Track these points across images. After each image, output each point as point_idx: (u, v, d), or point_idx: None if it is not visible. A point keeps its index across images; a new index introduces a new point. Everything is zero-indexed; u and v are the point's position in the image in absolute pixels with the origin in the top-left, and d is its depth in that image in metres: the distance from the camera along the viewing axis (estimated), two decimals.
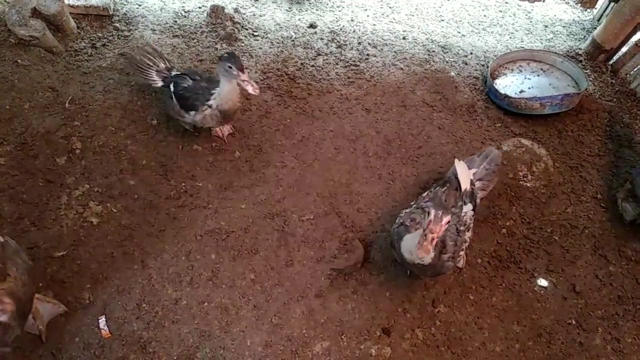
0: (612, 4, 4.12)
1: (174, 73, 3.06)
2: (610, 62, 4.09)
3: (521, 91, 3.75)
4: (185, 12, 3.94)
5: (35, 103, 3.12)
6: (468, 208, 2.61)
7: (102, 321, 2.46)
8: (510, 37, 4.34)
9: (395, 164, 3.26)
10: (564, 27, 4.51)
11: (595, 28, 4.32)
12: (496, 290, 2.79)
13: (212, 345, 2.46)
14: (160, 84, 3.07)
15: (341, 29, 4.09)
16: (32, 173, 2.87)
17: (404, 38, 4.11)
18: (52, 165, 2.92)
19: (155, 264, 2.67)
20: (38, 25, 3.31)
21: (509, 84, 3.81)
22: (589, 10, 4.72)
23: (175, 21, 3.85)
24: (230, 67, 2.60)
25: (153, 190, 2.93)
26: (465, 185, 2.66)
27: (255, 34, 3.90)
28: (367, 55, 3.91)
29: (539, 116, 3.60)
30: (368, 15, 4.30)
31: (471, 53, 4.07)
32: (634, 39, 3.94)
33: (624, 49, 4.00)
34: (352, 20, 4.21)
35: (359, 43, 4.00)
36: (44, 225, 2.71)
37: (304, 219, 2.95)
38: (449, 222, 2.06)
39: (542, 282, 2.84)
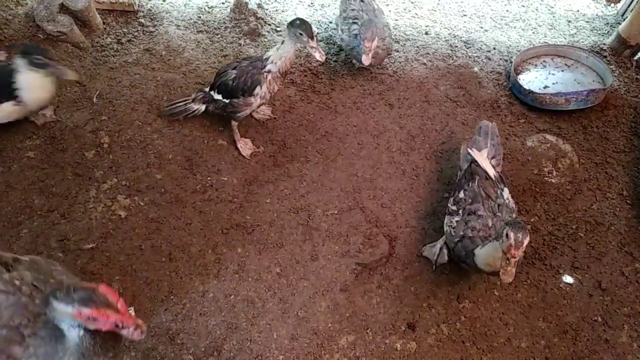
0: None
1: (206, 88, 3.09)
2: (636, 57, 4.04)
3: (545, 87, 3.72)
4: (209, 7, 3.97)
5: (64, 98, 3.18)
6: (507, 192, 2.61)
7: (131, 312, 2.50)
8: (533, 32, 4.30)
9: (419, 159, 3.26)
10: (587, 22, 4.46)
11: (619, 23, 4.27)
12: (521, 287, 2.78)
13: (239, 337, 2.48)
14: (203, 107, 3.11)
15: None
16: (61, 166, 2.92)
17: (426, 33, 4.10)
18: (81, 159, 2.97)
19: (183, 256, 2.70)
20: (66, 21, 3.37)
21: (533, 80, 3.78)
22: (612, 5, 4.65)
23: (199, 17, 3.88)
24: (301, 34, 2.70)
25: (179, 184, 2.96)
26: (491, 171, 2.66)
27: (278, 29, 3.92)
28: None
29: (563, 112, 3.57)
30: (390, 11, 4.29)
31: (494, 48, 4.04)
32: None
33: None
34: None
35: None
36: (73, 218, 2.75)
37: (328, 214, 2.96)
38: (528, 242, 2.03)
39: (568, 279, 2.83)
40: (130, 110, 3.20)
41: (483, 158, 2.74)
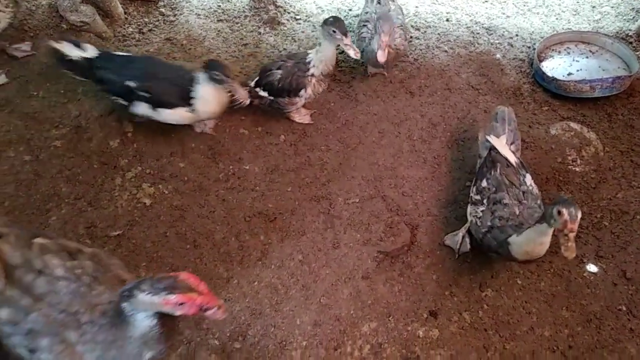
0: None
1: (251, 83, 3.12)
2: None
3: (569, 74, 3.66)
4: None
5: (88, 87, 3.22)
6: (529, 178, 2.60)
7: None
8: (557, 18, 4.22)
9: (440, 147, 3.24)
10: (612, 7, 4.36)
11: None
12: (544, 276, 2.76)
13: (263, 323, 2.52)
14: (248, 100, 3.02)
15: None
16: (87, 155, 2.98)
17: (447, 20, 4.06)
18: (106, 147, 3.02)
19: (207, 244, 2.74)
20: (88, 11, 3.41)
21: (556, 67, 3.72)
22: None
23: (219, 5, 3.89)
24: (334, 32, 2.69)
25: (202, 173, 3.00)
26: (512, 158, 2.64)
27: (298, 17, 3.91)
28: (410, 37, 3.87)
29: (587, 99, 3.51)
30: None
31: (516, 35, 3.98)
32: None
33: None
34: None
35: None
36: (100, 205, 2.81)
37: (350, 202, 2.97)
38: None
39: (592, 268, 2.80)
40: None
41: (502, 145, 2.72)
